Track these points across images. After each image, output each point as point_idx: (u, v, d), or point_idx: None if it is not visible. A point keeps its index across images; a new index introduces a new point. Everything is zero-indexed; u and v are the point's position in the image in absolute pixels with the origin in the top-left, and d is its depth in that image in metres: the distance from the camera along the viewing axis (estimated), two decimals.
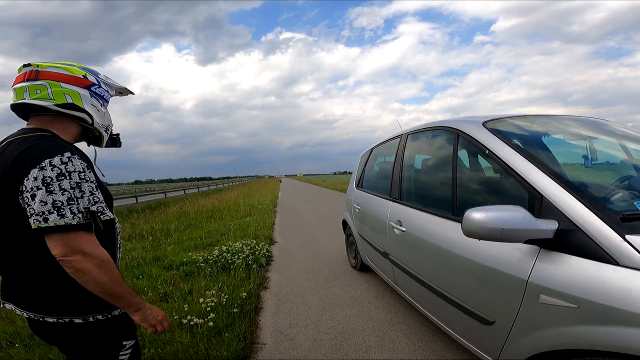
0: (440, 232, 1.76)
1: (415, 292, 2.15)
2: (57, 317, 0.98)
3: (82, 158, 0.97)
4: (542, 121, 1.91)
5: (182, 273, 3.83)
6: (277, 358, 2.11)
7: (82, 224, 0.90)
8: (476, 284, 1.50)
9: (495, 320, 1.39)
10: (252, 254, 4.42)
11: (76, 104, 1.04)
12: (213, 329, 2.35)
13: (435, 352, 2.08)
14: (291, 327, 2.53)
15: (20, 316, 2.62)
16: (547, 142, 1.70)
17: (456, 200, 1.72)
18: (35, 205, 0.87)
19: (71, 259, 0.88)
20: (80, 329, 1.01)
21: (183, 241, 5.84)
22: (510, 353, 1.34)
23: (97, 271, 0.91)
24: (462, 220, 1.21)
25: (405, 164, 2.48)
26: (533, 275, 1.19)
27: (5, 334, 2.39)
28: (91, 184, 0.96)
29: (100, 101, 1.12)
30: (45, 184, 0.88)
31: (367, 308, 2.80)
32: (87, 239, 0.92)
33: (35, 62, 1.01)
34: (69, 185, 0.90)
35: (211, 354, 2.02)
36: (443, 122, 2.09)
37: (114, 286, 0.95)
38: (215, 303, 2.73)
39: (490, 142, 1.57)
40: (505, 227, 1.13)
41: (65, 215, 0.88)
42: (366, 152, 3.69)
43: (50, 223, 0.87)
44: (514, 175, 1.40)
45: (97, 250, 0.93)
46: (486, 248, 1.41)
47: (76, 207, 0.90)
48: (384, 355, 2.09)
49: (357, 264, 3.67)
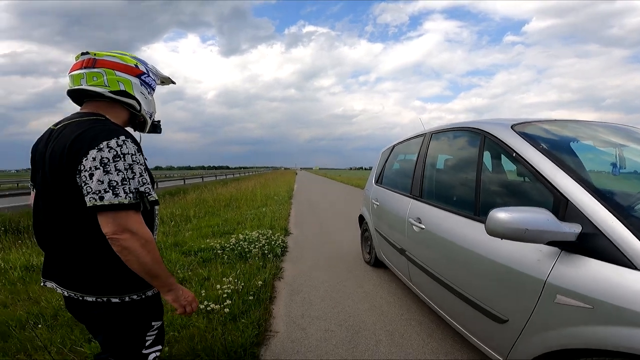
0: (460, 231, 1.76)
1: (430, 289, 2.15)
2: (96, 296, 1.04)
3: (133, 141, 1.03)
4: (572, 126, 1.90)
5: (199, 259, 3.93)
6: (290, 346, 2.16)
7: (133, 204, 0.95)
8: (493, 282, 1.51)
9: (508, 318, 1.41)
10: (268, 243, 4.49)
11: (127, 91, 1.09)
12: (228, 315, 2.41)
13: (444, 350, 2.09)
14: (304, 317, 2.58)
15: (44, 296, 2.78)
16: (575, 147, 1.72)
17: (479, 200, 1.72)
18: (93, 184, 0.92)
19: (120, 237, 0.93)
20: (116, 308, 1.06)
21: (201, 228, 5.98)
22: (520, 351, 1.37)
23: (141, 250, 0.96)
24: (486, 219, 1.24)
25: (428, 162, 2.47)
26: (552, 276, 1.22)
27: (30, 315, 2.48)
28: (141, 166, 1.01)
29: (148, 89, 1.18)
30: (102, 164, 0.93)
31: (379, 303, 2.81)
32: (135, 219, 0.96)
33: (92, 51, 1.07)
34: (123, 166, 0.96)
35: (226, 339, 2.08)
36: (469, 123, 2.09)
37: (154, 265, 1.00)
38: (231, 290, 2.80)
39: (518, 145, 1.57)
40: (529, 228, 1.15)
41: (119, 195, 0.93)
42: (387, 149, 3.67)
43: (105, 202, 0.92)
44: (541, 178, 1.41)
45: (143, 229, 0.98)
46: (506, 248, 1.43)
47: (128, 187, 0.95)
48: (392, 349, 2.11)
49: (371, 260, 3.68)
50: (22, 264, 3.79)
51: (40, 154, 1.06)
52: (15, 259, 4.01)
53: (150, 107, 1.22)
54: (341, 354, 2.06)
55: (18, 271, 3.56)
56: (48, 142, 1.04)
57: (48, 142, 1.04)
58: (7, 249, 4.99)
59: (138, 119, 1.21)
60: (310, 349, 2.13)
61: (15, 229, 6.74)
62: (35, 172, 1.09)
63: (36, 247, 4.69)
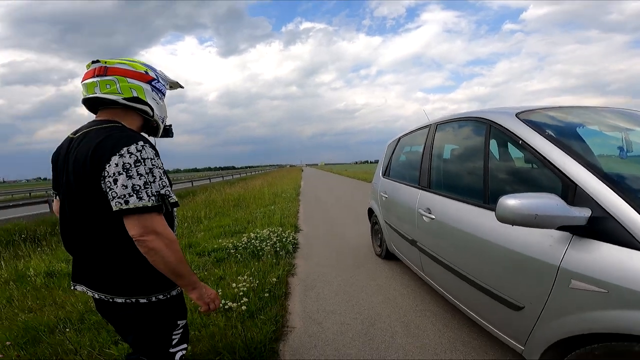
0: (471, 219, 1.78)
1: (443, 279, 2.18)
2: (125, 297, 1.09)
3: (151, 146, 1.07)
4: (576, 112, 1.91)
5: (213, 259, 4.00)
6: (307, 341, 2.21)
7: (155, 206, 0.99)
8: (507, 270, 1.52)
9: (524, 305, 1.42)
10: (279, 241, 4.55)
11: (140, 98, 1.13)
12: (246, 312, 2.47)
13: (460, 339, 2.11)
14: (319, 312, 2.63)
15: (69, 301, 2.87)
16: (581, 133, 1.72)
17: (487, 188, 1.74)
18: (117, 188, 0.97)
19: (146, 239, 0.97)
20: (144, 308, 1.11)
21: (212, 228, 6.07)
22: (538, 338, 1.38)
23: (166, 250, 1.00)
24: (496, 206, 1.26)
25: (435, 153, 2.49)
26: (565, 261, 1.23)
27: (57, 320, 2.56)
28: (160, 170, 1.05)
29: (159, 94, 1.22)
30: (125, 169, 0.98)
31: (392, 295, 2.85)
32: (158, 220, 1.00)
33: (103, 59, 1.11)
34: (144, 171, 1.00)
35: (247, 336, 2.14)
36: (474, 112, 2.11)
37: (178, 264, 1.04)
38: (247, 288, 2.86)
39: (524, 132, 1.59)
40: (539, 214, 1.17)
41: (142, 198, 0.97)
42: (393, 142, 3.68)
43: (130, 205, 0.96)
44: (548, 165, 1.43)
45: (167, 230, 1.02)
46: (517, 235, 1.45)
47: (150, 191, 0.99)
48: (409, 340, 2.14)
49: (382, 252, 3.71)
50: (44, 270, 3.90)
51: (62, 162, 1.11)
52: (36, 266, 4.13)
53: (162, 111, 1.26)
54: (358, 347, 2.11)
55: (41, 277, 3.67)
56: (69, 150, 1.08)
57: (69, 150, 1.09)
58: (27, 256, 5.15)
59: (151, 124, 1.25)
60: (328, 342, 2.18)
61: (33, 237, 6.93)
62: (59, 179, 1.14)
63: (56, 254, 4.83)
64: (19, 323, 2.51)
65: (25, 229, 7.37)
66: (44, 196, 14.35)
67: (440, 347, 2.05)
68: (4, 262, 4.70)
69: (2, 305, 3.02)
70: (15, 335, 2.33)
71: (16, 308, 2.91)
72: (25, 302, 3.02)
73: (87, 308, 2.70)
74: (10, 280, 3.73)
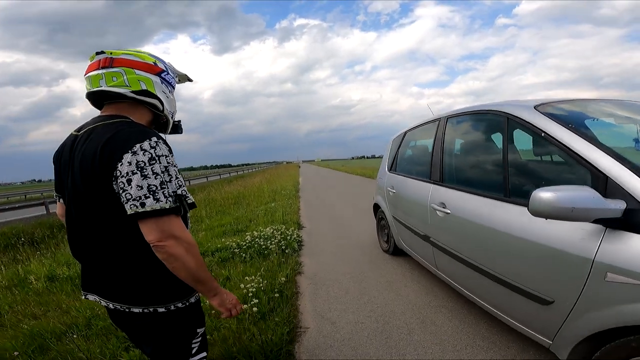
0: (491, 214, 1.75)
1: (460, 275, 2.14)
2: (142, 307, 1.01)
3: (164, 143, 0.98)
4: (590, 105, 1.90)
5: (217, 259, 3.94)
6: (322, 341, 2.17)
7: (174, 208, 0.91)
8: (534, 264, 1.49)
9: (554, 299, 1.40)
10: (283, 239, 4.50)
11: (150, 91, 1.04)
12: (257, 313, 2.42)
13: (479, 334, 2.08)
14: (331, 311, 2.58)
15: (74, 306, 2.80)
16: (597, 125, 1.73)
17: (508, 182, 1.70)
18: (132, 190, 0.88)
19: (165, 244, 0.89)
20: (163, 318, 1.04)
21: (214, 227, 6.00)
22: (568, 332, 1.36)
23: (187, 255, 0.92)
24: (530, 200, 1.23)
25: (447, 147, 2.44)
26: (600, 254, 1.21)
27: (63, 325, 2.49)
28: (175, 168, 0.96)
29: (169, 88, 1.13)
30: (139, 169, 0.89)
31: (405, 291, 2.81)
32: (177, 223, 0.93)
33: (108, 50, 1.02)
34: (159, 169, 0.91)
35: (259, 338, 2.09)
36: (488, 105, 2.08)
37: (199, 270, 0.97)
38: (255, 288, 2.80)
39: (547, 125, 1.56)
40: (576, 207, 1.15)
41: (159, 200, 0.89)
42: (399, 136, 3.63)
43: (147, 208, 0.88)
44: (575, 157, 1.40)
45: (186, 234, 0.94)
46: (544, 228, 1.42)
47: (167, 191, 0.91)
48: (427, 337, 2.11)
49: (390, 248, 3.67)
50: (45, 274, 3.82)
51: (66, 162, 1.01)
52: (36, 270, 4.05)
53: (172, 106, 1.17)
54: (376, 345, 2.07)
55: (42, 282, 3.59)
56: (74, 149, 0.99)
57: (73, 148, 1.00)
58: (25, 260, 5.06)
59: (161, 119, 1.16)
60: (344, 342, 2.14)
61: (31, 240, 6.82)
62: (63, 180, 1.05)
63: (56, 257, 4.74)
64: (25, 330, 2.44)
65: (22, 231, 7.26)
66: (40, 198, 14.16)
67: (459, 343, 2.01)
68: (4, 266, 4.61)
69: (5, 312, 2.95)
70: (22, 344, 2.26)
71: (20, 314, 2.84)
72: (29, 308, 2.95)
73: (94, 313, 2.63)
74: (12, 285, 3.65)
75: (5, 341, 2.29)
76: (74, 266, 3.99)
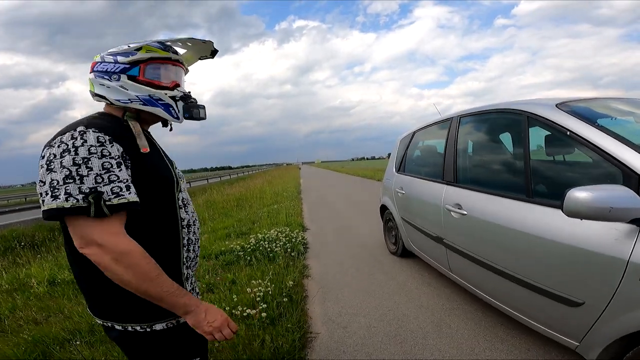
0: (513, 214, 1.69)
1: (476, 277, 2.07)
2: (122, 324, 0.89)
3: (102, 131, 0.82)
4: (609, 103, 1.86)
5: (222, 262, 3.87)
6: (334, 347, 2.10)
7: (76, 208, 0.74)
8: (561, 265, 1.43)
9: (584, 301, 1.34)
10: (288, 241, 4.43)
11: (92, 91, 0.95)
12: (266, 319, 2.34)
13: (498, 337, 2.01)
14: (341, 315, 2.51)
15: (76, 311, 2.73)
16: (617, 123, 1.69)
17: (530, 182, 1.64)
18: (38, 186, 0.78)
19: (87, 252, 0.77)
20: (143, 339, 0.91)
21: (217, 230, 5.93)
22: (599, 334, 1.31)
23: (115, 266, 0.77)
24: (564, 200, 1.18)
25: (461, 147, 2.38)
26: (635, 255, 1.16)
27: (65, 332, 2.41)
28: (108, 160, 0.79)
29: (106, 76, 0.92)
30: (47, 162, 0.77)
31: (416, 294, 2.74)
32: (100, 227, 0.77)
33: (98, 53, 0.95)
34: (70, 162, 0.76)
35: (270, 345, 2.02)
36: (505, 104, 2.03)
37: (142, 284, 0.80)
38: (263, 293, 2.73)
39: (572, 123, 1.52)
40: (614, 206, 1.10)
41: (58, 197, 0.74)
42: (407, 136, 3.57)
43: (44, 206, 0.75)
44: (605, 155, 1.36)
45: (112, 240, 0.77)
46: (572, 229, 1.37)
47: (73, 187, 0.75)
48: (443, 341, 2.04)
49: (398, 250, 3.60)
50: (46, 278, 3.75)
51: None
52: (37, 274, 3.97)
53: (122, 94, 0.91)
54: (390, 350, 2.00)
55: (43, 286, 3.52)
56: None
57: None
58: (26, 263, 4.98)
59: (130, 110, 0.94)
60: (356, 347, 2.07)
61: (31, 243, 6.74)
62: None
63: (57, 261, 4.67)
64: (26, 336, 2.36)
65: (22, 234, 7.17)
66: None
67: (477, 347, 1.95)
68: (4, 270, 4.53)
69: (6, 317, 2.87)
70: (24, 351, 2.18)
71: (21, 320, 2.76)
72: (30, 313, 2.87)
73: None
74: (12, 289, 3.57)
75: (7, 349, 2.22)
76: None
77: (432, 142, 3.12)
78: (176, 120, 0.99)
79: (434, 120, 3.02)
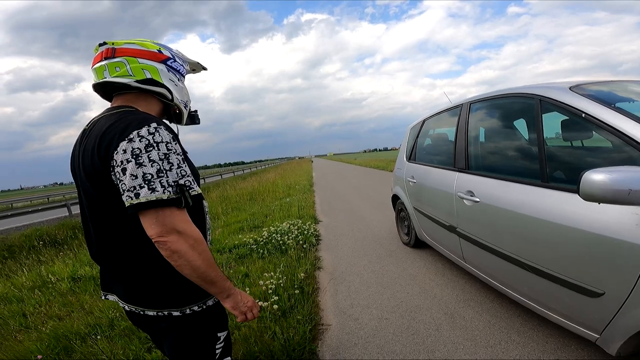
0: (527, 200, 1.63)
1: (492, 267, 2.01)
2: (156, 310, 0.96)
3: (167, 129, 0.91)
4: (623, 86, 1.76)
5: (235, 256, 3.91)
6: (345, 339, 2.09)
7: (173, 199, 0.83)
8: (579, 253, 1.37)
9: (605, 291, 1.28)
10: (301, 233, 4.43)
11: (155, 79, 0.98)
12: (278, 311, 2.36)
13: (514, 329, 1.96)
14: (353, 307, 2.50)
15: (97, 306, 2.81)
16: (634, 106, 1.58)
17: (545, 166, 1.57)
18: (127, 179, 0.82)
19: (167, 240, 0.82)
20: (179, 322, 0.97)
21: (230, 224, 5.99)
22: (620, 325, 1.26)
23: (192, 252, 0.84)
24: (580, 182, 1.12)
25: (473, 133, 2.31)
26: None
27: (87, 327, 2.48)
28: (178, 156, 0.88)
29: (177, 75, 1.06)
30: (134, 156, 0.82)
31: (429, 285, 2.70)
32: (180, 216, 0.85)
33: (110, 41, 0.97)
34: (157, 157, 0.83)
35: (281, 337, 2.03)
36: (517, 88, 1.95)
37: (208, 269, 0.89)
38: (275, 285, 2.75)
39: (587, 106, 1.45)
40: (633, 189, 1.03)
41: (155, 189, 0.81)
42: (417, 125, 3.49)
43: (142, 199, 0.81)
44: (624, 137, 1.28)
45: (191, 228, 0.86)
46: (591, 214, 1.31)
47: (165, 180, 0.83)
48: (457, 333, 2.00)
49: (411, 240, 3.55)
50: (69, 275, 3.88)
51: (74, 159, 0.97)
52: (60, 271, 4.11)
53: (183, 95, 1.09)
54: (402, 342, 1.98)
55: (66, 283, 3.64)
56: (81, 144, 0.95)
57: (81, 144, 0.95)
58: (49, 261, 5.17)
59: (172, 109, 1.10)
60: (368, 339, 2.05)
61: (54, 241, 6.99)
62: (76, 179, 1.00)
63: (79, 257, 4.82)
64: (49, 332, 2.45)
65: (45, 233, 7.44)
66: (62, 200, 14.58)
67: (493, 339, 1.90)
68: (27, 268, 4.72)
69: (30, 313, 2.99)
70: (47, 345, 2.26)
71: (44, 315, 2.87)
72: (53, 309, 2.98)
73: (116, 313, 2.63)
74: (36, 286, 3.71)
75: (30, 344, 2.30)
76: (95, 266, 4.04)
77: (442, 129, 3.04)
78: (181, 124, 1.15)
79: (444, 108, 2.93)
